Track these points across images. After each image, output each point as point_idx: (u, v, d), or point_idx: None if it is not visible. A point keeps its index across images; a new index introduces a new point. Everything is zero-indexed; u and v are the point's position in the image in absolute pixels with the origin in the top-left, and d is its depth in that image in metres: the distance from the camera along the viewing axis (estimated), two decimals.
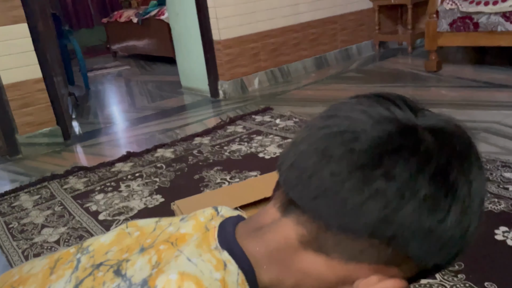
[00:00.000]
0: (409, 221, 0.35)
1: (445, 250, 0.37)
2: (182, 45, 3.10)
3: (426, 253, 0.36)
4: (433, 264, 0.38)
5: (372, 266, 0.37)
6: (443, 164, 0.35)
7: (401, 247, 0.36)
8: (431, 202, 0.35)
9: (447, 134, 0.37)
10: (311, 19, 3.16)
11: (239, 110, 2.56)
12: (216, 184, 1.62)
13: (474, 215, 0.37)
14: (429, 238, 0.35)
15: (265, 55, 2.98)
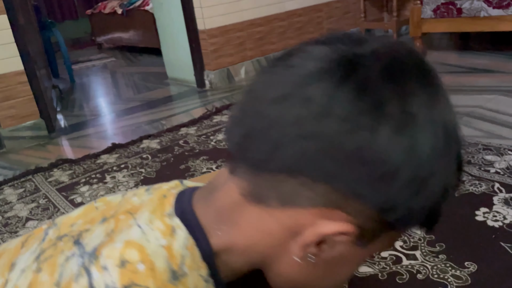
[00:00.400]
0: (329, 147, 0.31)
1: (390, 181, 0.31)
2: (167, 36, 3.07)
3: (362, 184, 0.32)
4: (390, 206, 0.32)
5: (313, 210, 0.33)
6: (366, 80, 0.31)
7: (329, 178, 0.32)
8: (352, 121, 0.30)
9: (378, 52, 0.33)
10: (297, 7, 3.15)
11: (225, 100, 2.55)
12: (202, 173, 1.62)
13: (422, 134, 0.31)
14: (357, 164, 0.31)
15: (251, 44, 2.96)
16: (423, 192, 0.32)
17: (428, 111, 0.32)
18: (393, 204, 0.32)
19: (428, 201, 0.33)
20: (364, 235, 0.34)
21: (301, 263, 0.36)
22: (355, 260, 0.38)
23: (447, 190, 0.34)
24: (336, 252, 0.36)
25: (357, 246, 0.35)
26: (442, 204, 0.35)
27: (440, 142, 0.32)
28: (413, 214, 0.33)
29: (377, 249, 0.38)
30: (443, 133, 0.32)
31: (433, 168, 0.32)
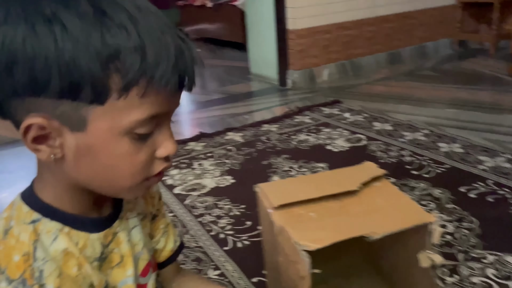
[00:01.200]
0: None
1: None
2: (255, 32, 3.15)
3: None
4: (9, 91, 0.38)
5: (26, 117, 0.40)
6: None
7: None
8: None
9: None
10: (389, 13, 3.07)
11: (306, 101, 2.57)
12: (284, 171, 1.66)
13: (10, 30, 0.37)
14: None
15: (337, 47, 2.95)
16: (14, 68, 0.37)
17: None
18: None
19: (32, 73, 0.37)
20: (66, 121, 0.40)
21: (58, 165, 0.43)
22: (106, 149, 0.42)
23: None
24: (59, 144, 0.41)
25: (72, 132, 0.40)
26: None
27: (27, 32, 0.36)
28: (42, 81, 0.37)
29: (109, 126, 0.40)
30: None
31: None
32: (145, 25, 0.39)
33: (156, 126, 0.44)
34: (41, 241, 0.44)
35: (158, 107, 0.41)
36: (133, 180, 0.45)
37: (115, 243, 0.51)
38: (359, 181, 0.92)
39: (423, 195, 1.42)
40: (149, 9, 0.41)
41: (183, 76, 0.41)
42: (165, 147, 0.45)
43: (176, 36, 0.41)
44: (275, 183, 0.99)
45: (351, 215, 0.84)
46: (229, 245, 1.23)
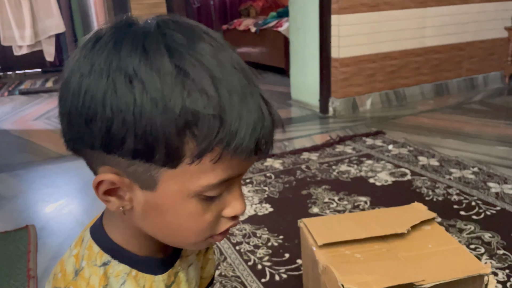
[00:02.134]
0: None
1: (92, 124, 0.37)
2: (298, 59, 3.17)
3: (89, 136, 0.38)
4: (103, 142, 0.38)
5: (99, 170, 0.41)
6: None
7: (82, 142, 0.40)
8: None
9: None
10: (437, 44, 3.01)
11: (348, 130, 2.53)
12: (324, 203, 1.63)
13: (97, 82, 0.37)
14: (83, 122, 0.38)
15: (382, 76, 2.91)
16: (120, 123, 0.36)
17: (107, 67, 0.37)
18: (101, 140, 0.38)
19: (136, 129, 0.36)
20: (137, 179, 0.39)
21: (127, 213, 0.43)
22: (174, 209, 0.41)
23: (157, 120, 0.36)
24: (129, 198, 0.41)
25: (142, 190, 0.40)
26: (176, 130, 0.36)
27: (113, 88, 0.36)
28: (137, 144, 0.37)
29: (179, 189, 0.39)
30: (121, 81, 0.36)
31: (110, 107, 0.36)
32: (227, 87, 0.37)
33: (226, 187, 0.42)
34: (110, 285, 0.44)
35: (231, 172, 0.40)
36: (197, 237, 0.44)
37: (177, 283, 0.51)
38: (408, 224, 0.89)
39: (471, 238, 1.35)
40: (234, 65, 0.39)
41: (261, 142, 0.39)
42: (233, 207, 0.43)
43: (258, 95, 0.39)
44: (319, 219, 0.97)
45: (400, 260, 0.80)
46: (267, 277, 1.21)
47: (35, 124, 3.10)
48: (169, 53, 0.36)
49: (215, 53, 0.38)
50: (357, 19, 2.71)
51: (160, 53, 0.36)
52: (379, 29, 2.80)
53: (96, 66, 0.37)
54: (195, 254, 0.57)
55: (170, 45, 0.37)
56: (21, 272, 1.31)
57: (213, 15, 7.03)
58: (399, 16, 2.84)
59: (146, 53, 0.36)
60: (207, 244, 0.47)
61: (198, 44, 0.37)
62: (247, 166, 0.42)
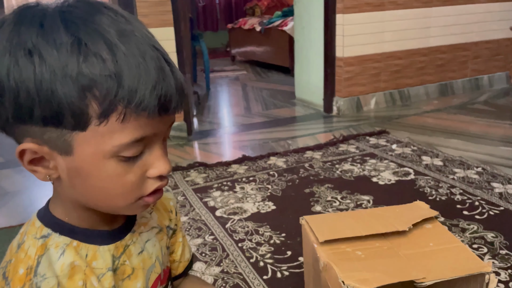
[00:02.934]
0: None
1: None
2: (302, 58, 3.17)
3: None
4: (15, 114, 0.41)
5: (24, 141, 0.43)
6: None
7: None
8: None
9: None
10: (442, 43, 3.01)
11: (352, 129, 2.53)
12: (327, 201, 1.63)
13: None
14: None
15: (386, 76, 2.90)
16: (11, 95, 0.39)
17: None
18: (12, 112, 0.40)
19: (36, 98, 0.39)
20: (54, 146, 0.42)
21: (58, 184, 0.46)
22: (94, 171, 0.43)
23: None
24: (53, 166, 0.44)
25: (61, 156, 0.42)
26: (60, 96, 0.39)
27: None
28: (27, 109, 0.39)
29: (94, 150, 0.41)
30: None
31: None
32: (124, 51, 0.40)
33: (146, 147, 0.44)
34: (48, 255, 0.46)
35: (142, 131, 0.42)
36: (125, 200, 0.46)
37: (126, 255, 0.53)
38: (409, 222, 0.89)
39: (474, 238, 1.34)
40: (135, 32, 0.41)
41: (164, 100, 0.41)
42: (156, 167, 0.45)
43: (161, 59, 0.42)
44: (321, 217, 0.97)
45: (401, 257, 0.81)
46: (268, 274, 1.21)
47: None
48: (65, 25, 0.39)
49: (112, 23, 0.40)
50: (361, 19, 2.70)
51: (56, 27, 0.39)
52: (384, 29, 2.80)
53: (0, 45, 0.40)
54: (154, 232, 0.59)
55: (67, 19, 0.40)
56: None
57: (218, 14, 7.04)
58: (404, 15, 2.83)
59: (42, 28, 0.39)
60: (141, 207, 0.48)
61: (95, 17, 0.40)
62: (163, 126, 0.44)
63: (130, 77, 0.39)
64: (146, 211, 0.59)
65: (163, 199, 0.63)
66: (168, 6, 2.29)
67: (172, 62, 0.44)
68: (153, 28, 2.27)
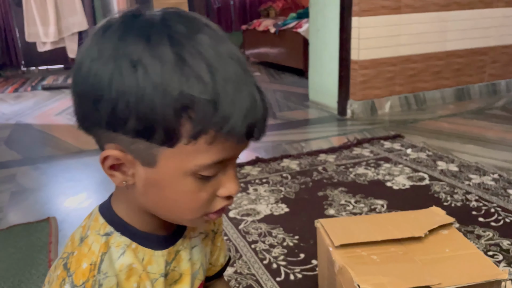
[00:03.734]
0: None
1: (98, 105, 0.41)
2: (317, 60, 3.16)
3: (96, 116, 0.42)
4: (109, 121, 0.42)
5: (106, 147, 0.45)
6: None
7: (90, 121, 0.44)
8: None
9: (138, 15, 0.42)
10: (459, 48, 2.97)
11: (366, 133, 2.52)
12: (340, 205, 1.63)
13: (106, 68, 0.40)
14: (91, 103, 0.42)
15: (401, 79, 2.89)
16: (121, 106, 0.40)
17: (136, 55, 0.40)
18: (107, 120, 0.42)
19: (136, 111, 0.40)
20: (139, 156, 0.43)
21: (130, 189, 0.47)
22: (172, 185, 0.44)
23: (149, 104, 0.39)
24: (131, 173, 0.45)
25: (143, 166, 0.44)
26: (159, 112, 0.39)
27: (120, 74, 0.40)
28: (136, 124, 0.40)
29: (176, 166, 0.43)
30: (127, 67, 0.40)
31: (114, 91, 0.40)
32: (222, 76, 0.40)
33: (221, 169, 0.46)
34: (109, 254, 0.47)
35: (225, 154, 0.43)
36: (193, 214, 0.47)
37: (177, 261, 0.54)
38: (425, 228, 0.88)
39: (490, 245, 1.33)
40: (231, 56, 0.42)
41: (252, 128, 0.42)
42: (227, 188, 0.46)
43: (253, 85, 0.43)
44: (336, 220, 0.97)
45: (416, 263, 0.80)
46: (281, 276, 1.22)
47: (57, 119, 3.18)
48: (170, 42, 0.40)
49: (213, 44, 0.41)
50: (377, 22, 2.69)
51: (162, 42, 0.40)
52: (400, 32, 2.78)
53: (104, 52, 0.41)
54: (201, 238, 0.59)
55: (172, 35, 0.40)
56: (42, 263, 1.35)
57: (233, 15, 7.07)
58: (420, 19, 2.81)
59: (149, 42, 0.40)
60: (204, 222, 0.50)
61: (197, 35, 0.41)
62: (241, 150, 0.46)
63: (226, 103, 0.40)
64: None
65: None
66: (184, 7, 2.31)
67: (261, 88, 0.45)
68: None
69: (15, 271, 1.31)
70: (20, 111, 3.50)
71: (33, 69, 5.96)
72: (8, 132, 2.87)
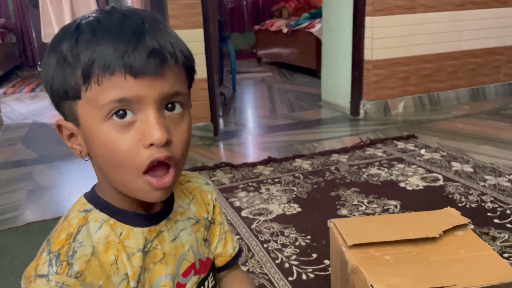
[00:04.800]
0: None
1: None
2: (330, 60, 3.15)
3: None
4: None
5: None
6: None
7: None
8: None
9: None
10: (474, 47, 2.94)
11: (379, 133, 2.50)
12: (353, 205, 1.62)
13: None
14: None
15: (415, 79, 2.86)
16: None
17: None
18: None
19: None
20: (70, 119, 0.50)
21: (92, 163, 0.53)
22: (94, 137, 0.48)
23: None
24: (80, 140, 0.51)
25: (77, 128, 0.50)
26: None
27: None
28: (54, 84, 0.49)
29: (90, 115, 0.48)
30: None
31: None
32: (106, 26, 0.47)
33: (138, 114, 0.47)
34: (87, 226, 0.52)
35: (120, 92, 0.46)
36: (127, 173, 0.48)
37: (159, 240, 0.56)
38: (440, 228, 0.88)
39: (505, 246, 1.31)
40: (125, 10, 0.49)
41: (133, 65, 0.45)
42: (147, 135, 0.46)
43: (141, 28, 0.47)
44: (349, 220, 0.97)
45: (431, 264, 0.80)
46: (294, 275, 1.22)
47: None
48: (70, 43, 0.48)
49: (102, 15, 0.49)
50: (391, 21, 2.67)
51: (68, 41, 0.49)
52: (414, 32, 2.76)
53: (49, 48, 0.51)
54: (191, 223, 0.62)
55: (77, 37, 0.48)
56: None
57: (246, 15, 7.08)
58: (435, 18, 2.78)
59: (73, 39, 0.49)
60: (150, 188, 0.49)
61: (108, 18, 0.48)
62: (147, 90, 0.47)
63: (103, 46, 0.45)
64: (184, 202, 0.62)
65: (202, 192, 0.66)
66: (198, 8, 2.33)
67: (162, 29, 0.48)
68: (183, 30, 2.31)
69: None
70: (36, 110, 3.56)
71: None
72: (25, 131, 2.93)
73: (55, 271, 0.48)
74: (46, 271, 0.48)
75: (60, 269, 0.48)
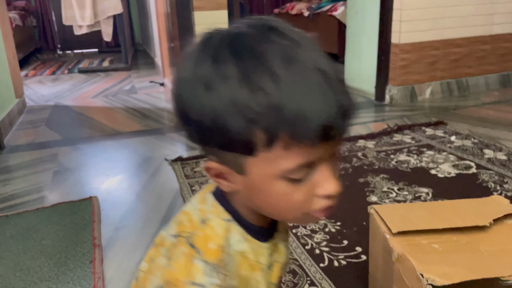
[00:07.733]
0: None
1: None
2: (354, 44, 3.07)
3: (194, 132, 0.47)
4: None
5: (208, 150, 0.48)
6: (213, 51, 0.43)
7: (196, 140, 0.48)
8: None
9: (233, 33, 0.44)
10: (506, 31, 2.82)
11: (405, 119, 2.44)
12: (383, 192, 1.58)
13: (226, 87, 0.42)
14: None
15: (444, 64, 2.77)
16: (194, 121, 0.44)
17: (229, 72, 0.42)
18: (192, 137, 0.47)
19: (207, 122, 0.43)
20: (232, 166, 0.46)
21: (239, 193, 0.50)
22: (265, 190, 0.46)
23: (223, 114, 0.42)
24: (233, 181, 0.48)
25: (239, 174, 0.47)
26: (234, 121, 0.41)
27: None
28: (214, 136, 0.44)
29: (263, 173, 0.44)
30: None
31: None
32: (288, 82, 0.40)
33: (313, 170, 0.45)
34: (230, 239, 0.51)
35: (306, 157, 0.43)
36: (293, 214, 0.48)
37: (278, 252, 0.58)
38: (490, 217, 0.83)
39: None
40: (300, 56, 0.42)
41: (327, 129, 0.41)
42: (324, 187, 0.46)
43: (325, 84, 0.41)
44: (391, 207, 0.93)
45: (482, 253, 0.76)
46: (325, 262, 1.19)
47: (94, 102, 3.23)
48: (234, 57, 0.42)
49: (279, 50, 0.42)
50: (421, 3, 2.58)
51: (226, 59, 0.42)
52: (444, 15, 2.65)
53: (184, 73, 0.46)
54: (284, 232, 0.61)
55: (236, 50, 0.42)
56: (86, 240, 1.37)
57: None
58: (466, 1, 2.67)
59: (215, 60, 0.43)
60: (310, 219, 0.49)
61: (262, 45, 0.42)
62: (328, 149, 0.44)
63: (292, 108, 0.40)
64: None
65: None
66: None
67: (341, 82, 0.43)
68: (208, 11, 2.27)
69: (61, 248, 1.34)
70: (58, 93, 3.58)
71: (69, 52, 6.08)
72: (48, 113, 2.94)
73: (216, 283, 0.48)
74: (203, 280, 0.48)
75: (220, 282, 0.48)
